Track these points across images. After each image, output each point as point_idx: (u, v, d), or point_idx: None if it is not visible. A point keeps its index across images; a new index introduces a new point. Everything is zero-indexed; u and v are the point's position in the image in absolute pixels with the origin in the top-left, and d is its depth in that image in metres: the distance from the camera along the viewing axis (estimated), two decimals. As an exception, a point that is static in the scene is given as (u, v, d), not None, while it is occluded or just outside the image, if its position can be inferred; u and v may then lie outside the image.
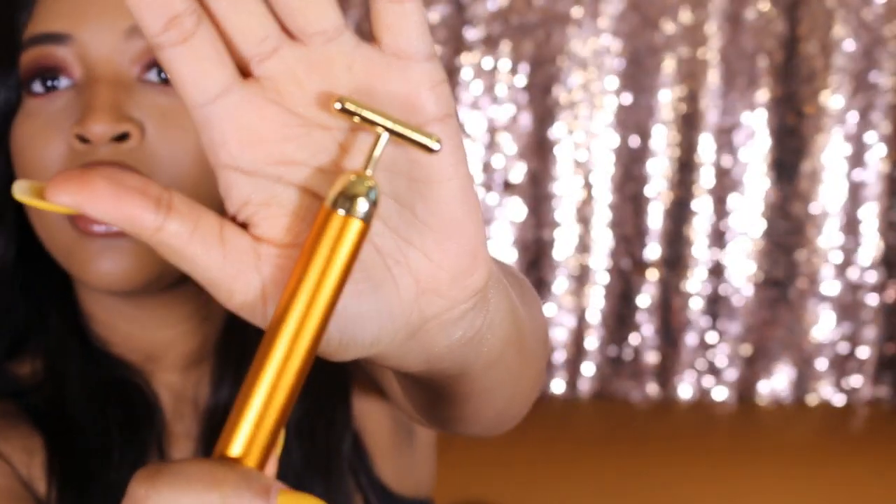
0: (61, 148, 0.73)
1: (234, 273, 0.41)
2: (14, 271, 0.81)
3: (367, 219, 0.40)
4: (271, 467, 0.42)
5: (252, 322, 0.43)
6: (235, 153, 0.40)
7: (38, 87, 0.75)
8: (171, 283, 0.79)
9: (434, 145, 0.40)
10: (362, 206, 0.40)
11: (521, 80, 3.49)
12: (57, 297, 0.83)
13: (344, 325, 0.43)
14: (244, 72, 0.40)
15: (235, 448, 0.41)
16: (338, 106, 0.40)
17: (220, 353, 0.83)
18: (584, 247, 3.57)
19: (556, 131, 3.53)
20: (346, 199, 0.40)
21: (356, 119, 0.40)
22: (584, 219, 3.55)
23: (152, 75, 0.75)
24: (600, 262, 3.59)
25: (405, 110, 0.41)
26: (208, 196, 0.74)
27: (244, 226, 0.42)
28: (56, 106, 0.74)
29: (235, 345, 0.83)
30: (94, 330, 0.82)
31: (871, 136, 3.55)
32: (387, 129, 0.40)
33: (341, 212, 0.40)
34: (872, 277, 3.60)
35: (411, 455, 0.96)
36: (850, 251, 3.60)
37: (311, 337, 0.41)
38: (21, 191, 0.42)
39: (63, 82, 0.74)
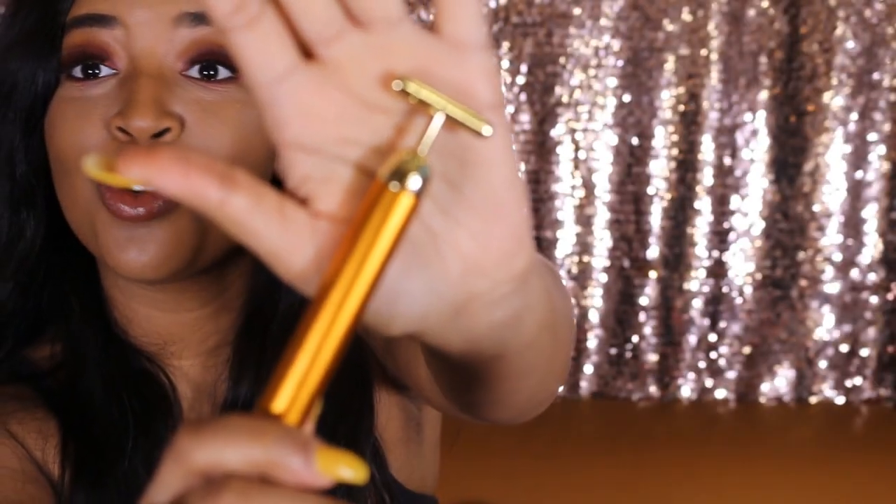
0: (100, 135, 0.73)
1: (292, 246, 0.43)
2: (40, 254, 0.81)
3: (418, 195, 0.42)
4: (309, 428, 0.43)
5: (306, 293, 0.44)
6: (297, 132, 0.42)
7: (79, 72, 0.74)
8: (193, 273, 0.80)
9: (487, 130, 0.42)
10: (414, 182, 0.42)
11: (521, 79, 3.49)
12: (79, 281, 0.83)
13: (394, 299, 0.45)
14: (308, 54, 0.42)
15: (278, 405, 0.42)
16: (398, 86, 0.42)
17: (239, 343, 0.84)
18: (584, 247, 3.57)
19: (556, 131, 3.53)
20: (399, 174, 0.42)
21: (412, 100, 0.42)
22: (584, 219, 3.55)
23: (194, 71, 0.75)
24: (600, 262, 3.59)
25: (460, 97, 0.42)
26: None
27: (303, 202, 0.43)
28: (96, 92, 0.74)
29: (256, 336, 0.83)
30: (114, 315, 0.82)
31: (872, 136, 3.55)
32: (442, 112, 0.42)
33: (394, 186, 0.42)
34: (873, 277, 3.60)
35: (419, 450, 0.97)
36: (851, 251, 3.60)
37: (358, 303, 0.42)
38: (92, 164, 0.44)
39: (105, 70, 0.74)
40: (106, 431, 0.77)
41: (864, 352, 3.62)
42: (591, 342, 3.55)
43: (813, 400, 3.63)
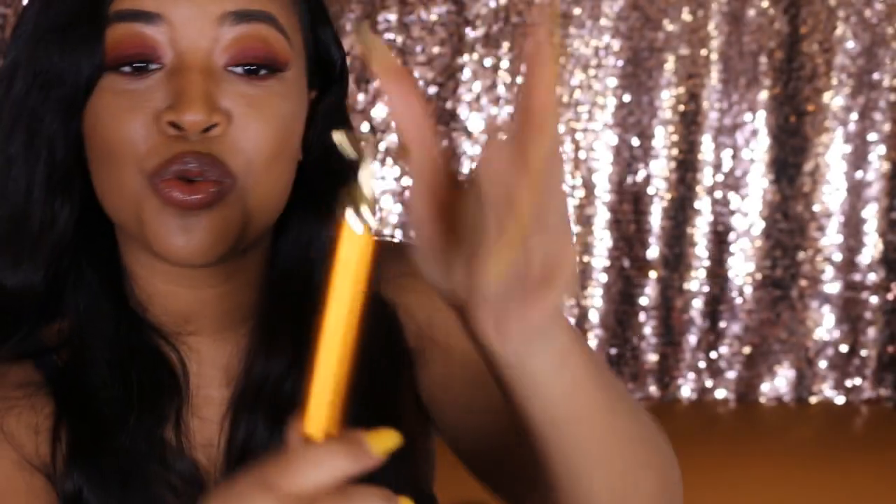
0: (148, 128, 0.75)
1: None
2: (70, 240, 0.82)
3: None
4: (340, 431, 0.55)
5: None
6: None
7: (126, 67, 0.76)
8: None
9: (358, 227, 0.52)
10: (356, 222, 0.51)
11: (522, 79, 3.47)
12: (98, 258, 0.83)
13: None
14: None
15: (314, 427, 0.53)
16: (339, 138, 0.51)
17: (258, 321, 0.84)
18: (584, 247, 3.57)
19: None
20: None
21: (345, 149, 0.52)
22: (584, 219, 3.55)
23: (238, 67, 0.76)
24: (600, 262, 3.59)
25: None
26: (277, 178, 0.78)
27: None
28: (143, 85, 0.75)
29: (274, 315, 0.83)
30: (134, 291, 0.82)
31: (872, 136, 3.55)
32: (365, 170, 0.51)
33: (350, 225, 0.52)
34: (873, 277, 3.60)
35: (424, 447, 0.97)
36: (851, 251, 3.60)
37: (343, 330, 0.53)
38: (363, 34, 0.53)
39: (151, 64, 0.76)
40: (107, 406, 0.78)
41: (864, 352, 3.62)
42: (591, 342, 3.55)
43: (813, 400, 3.63)
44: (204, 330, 0.84)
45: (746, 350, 3.60)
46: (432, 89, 3.43)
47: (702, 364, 3.61)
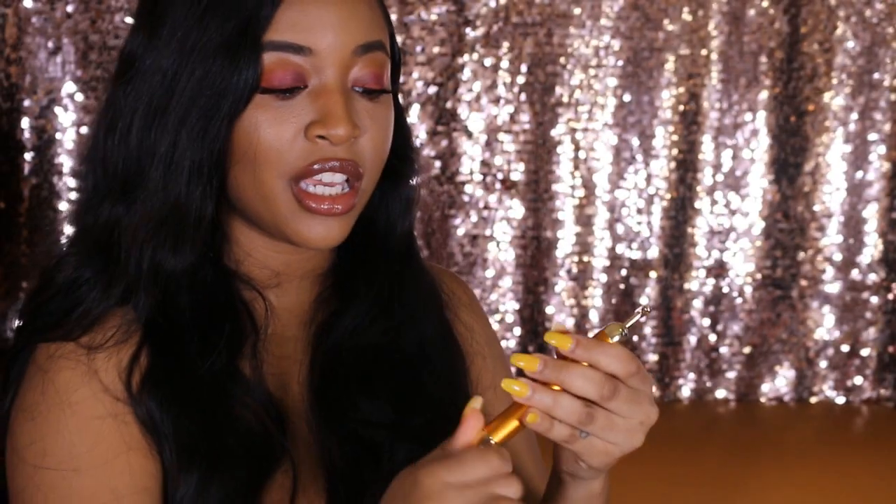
0: (297, 139, 0.91)
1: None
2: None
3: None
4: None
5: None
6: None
7: (276, 88, 0.91)
8: None
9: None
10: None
11: (521, 79, 3.49)
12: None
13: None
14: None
15: (497, 437, 0.79)
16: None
17: (334, 275, 1.01)
18: (584, 247, 3.57)
19: (556, 131, 3.53)
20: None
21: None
22: (584, 219, 3.55)
23: (360, 88, 0.93)
24: (600, 262, 3.59)
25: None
26: (380, 172, 0.96)
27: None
28: (290, 103, 0.91)
29: (355, 271, 1.01)
30: (231, 250, 0.97)
31: (872, 136, 3.55)
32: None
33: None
34: (873, 277, 3.60)
35: None
36: (851, 251, 3.60)
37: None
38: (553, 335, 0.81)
39: (297, 87, 0.91)
40: (189, 339, 0.92)
41: (865, 352, 3.62)
42: (591, 342, 3.54)
43: (813, 400, 3.63)
44: (288, 282, 0.99)
45: (746, 350, 3.60)
46: (432, 89, 3.43)
47: (702, 364, 3.60)
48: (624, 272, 3.58)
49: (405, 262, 1.03)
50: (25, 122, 3.22)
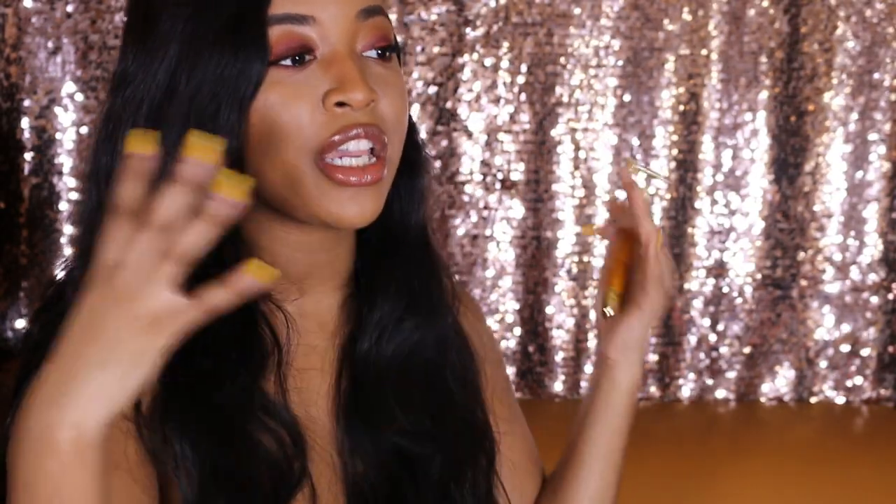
0: (313, 111, 0.89)
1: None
2: None
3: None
4: None
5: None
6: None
7: (288, 61, 0.89)
8: None
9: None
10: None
11: (521, 79, 3.48)
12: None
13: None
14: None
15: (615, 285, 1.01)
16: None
17: (360, 277, 0.99)
18: (584, 247, 3.57)
19: (556, 131, 3.53)
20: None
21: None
22: (584, 219, 3.55)
23: (371, 52, 0.92)
24: (600, 262, 3.58)
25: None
26: (402, 143, 0.95)
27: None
28: (302, 76, 0.89)
29: (376, 271, 0.99)
30: (257, 256, 0.93)
31: (872, 136, 3.55)
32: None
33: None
34: (874, 277, 3.60)
35: None
36: (851, 251, 3.60)
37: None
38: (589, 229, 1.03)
39: (307, 56, 0.90)
40: (203, 365, 0.88)
41: (865, 352, 3.62)
42: (592, 342, 3.55)
43: (813, 400, 3.63)
44: (312, 289, 0.97)
45: (746, 350, 3.60)
46: (432, 89, 3.43)
47: (702, 364, 3.60)
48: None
49: (424, 254, 1.02)
50: (25, 122, 3.22)
